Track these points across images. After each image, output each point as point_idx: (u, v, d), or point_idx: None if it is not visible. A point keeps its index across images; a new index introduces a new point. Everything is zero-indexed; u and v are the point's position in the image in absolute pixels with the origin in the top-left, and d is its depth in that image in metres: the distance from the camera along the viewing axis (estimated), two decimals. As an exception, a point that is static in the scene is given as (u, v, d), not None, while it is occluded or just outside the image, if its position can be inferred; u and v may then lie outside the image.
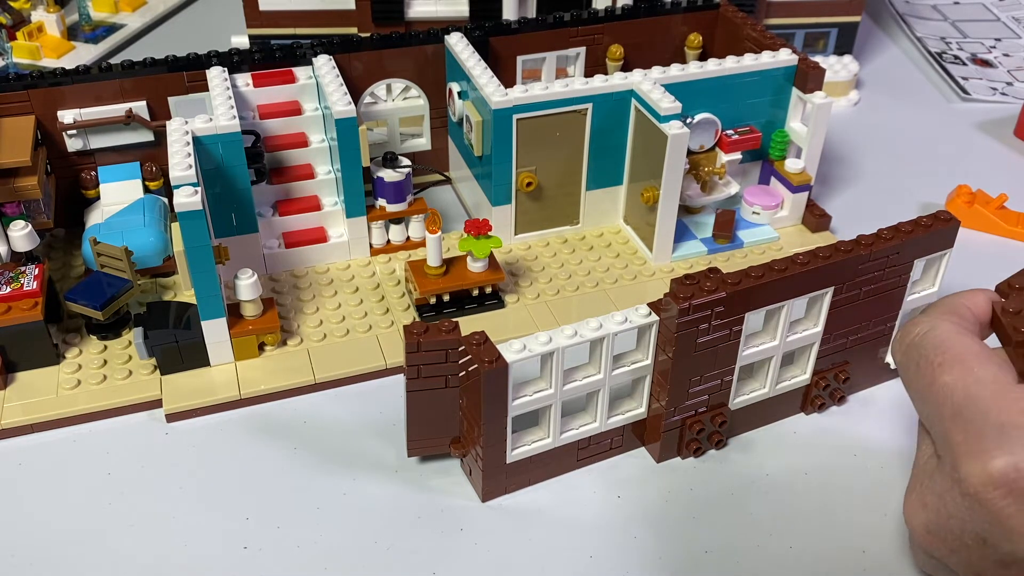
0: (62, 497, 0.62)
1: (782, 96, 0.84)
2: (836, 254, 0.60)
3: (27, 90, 0.77)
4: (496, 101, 0.75)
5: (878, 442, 0.65)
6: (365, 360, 0.71)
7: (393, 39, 0.84)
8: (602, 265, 0.81)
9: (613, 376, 0.60)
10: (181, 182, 0.64)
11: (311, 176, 0.81)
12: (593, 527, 0.60)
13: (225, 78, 0.77)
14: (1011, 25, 1.29)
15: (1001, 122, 1.06)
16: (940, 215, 0.63)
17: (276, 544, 0.59)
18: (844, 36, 1.13)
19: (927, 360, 0.49)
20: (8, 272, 0.69)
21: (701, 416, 0.63)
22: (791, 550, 0.59)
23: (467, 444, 0.60)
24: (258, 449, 0.65)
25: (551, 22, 0.89)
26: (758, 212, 0.85)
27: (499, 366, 0.54)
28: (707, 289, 0.57)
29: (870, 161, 0.99)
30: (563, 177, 0.82)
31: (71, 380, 0.68)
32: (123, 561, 0.57)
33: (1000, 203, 0.88)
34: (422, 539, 0.59)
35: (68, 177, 0.81)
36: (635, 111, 0.79)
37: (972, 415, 0.46)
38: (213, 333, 0.68)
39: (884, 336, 0.67)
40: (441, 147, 0.91)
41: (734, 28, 0.90)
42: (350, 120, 0.74)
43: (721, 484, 0.63)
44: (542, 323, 0.75)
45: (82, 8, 1.21)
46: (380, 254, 0.82)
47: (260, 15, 1.03)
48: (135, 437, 0.66)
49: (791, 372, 0.66)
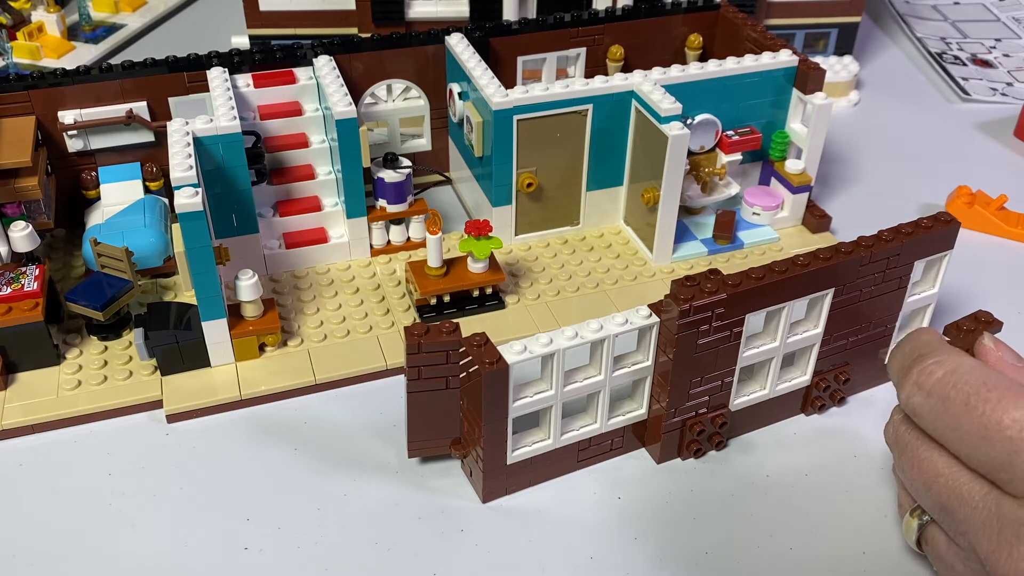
0: (63, 497, 0.62)
1: (782, 97, 0.84)
2: (836, 255, 0.60)
3: (27, 90, 0.77)
4: (496, 102, 0.75)
5: (878, 443, 0.65)
6: (366, 361, 0.71)
7: (393, 40, 0.84)
8: (602, 266, 0.81)
9: (614, 377, 0.60)
10: (182, 183, 0.64)
11: (312, 177, 0.81)
12: (593, 528, 0.60)
13: (226, 79, 0.77)
14: (1011, 25, 1.29)
15: (1001, 122, 1.06)
16: (940, 216, 0.63)
17: (276, 545, 0.59)
18: (844, 37, 1.13)
19: (981, 399, 0.47)
20: (9, 273, 0.69)
21: (701, 417, 0.63)
22: (791, 551, 0.59)
23: (468, 445, 0.60)
24: (258, 449, 0.65)
25: (551, 23, 0.89)
26: (758, 213, 0.85)
27: (500, 367, 0.54)
28: (708, 290, 0.57)
29: (870, 162, 0.99)
30: (563, 178, 0.82)
31: (72, 381, 0.68)
32: (123, 561, 0.58)
33: (1000, 204, 0.88)
34: (422, 540, 0.59)
35: (68, 177, 0.81)
36: (635, 112, 0.79)
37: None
38: (214, 334, 0.68)
39: (884, 338, 0.67)
40: (441, 148, 0.91)
41: (734, 29, 0.90)
42: (351, 121, 0.74)
43: (721, 485, 0.63)
44: (542, 324, 0.75)
45: (82, 8, 1.21)
46: (381, 255, 0.82)
47: (260, 15, 1.03)
48: (136, 438, 0.66)
49: (791, 373, 0.66)
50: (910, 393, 0.50)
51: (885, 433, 0.55)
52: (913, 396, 0.50)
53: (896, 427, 0.53)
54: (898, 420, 0.53)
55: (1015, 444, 0.45)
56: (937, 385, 0.49)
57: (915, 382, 0.50)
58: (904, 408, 0.52)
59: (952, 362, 0.49)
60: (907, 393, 0.51)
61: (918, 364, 0.50)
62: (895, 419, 0.54)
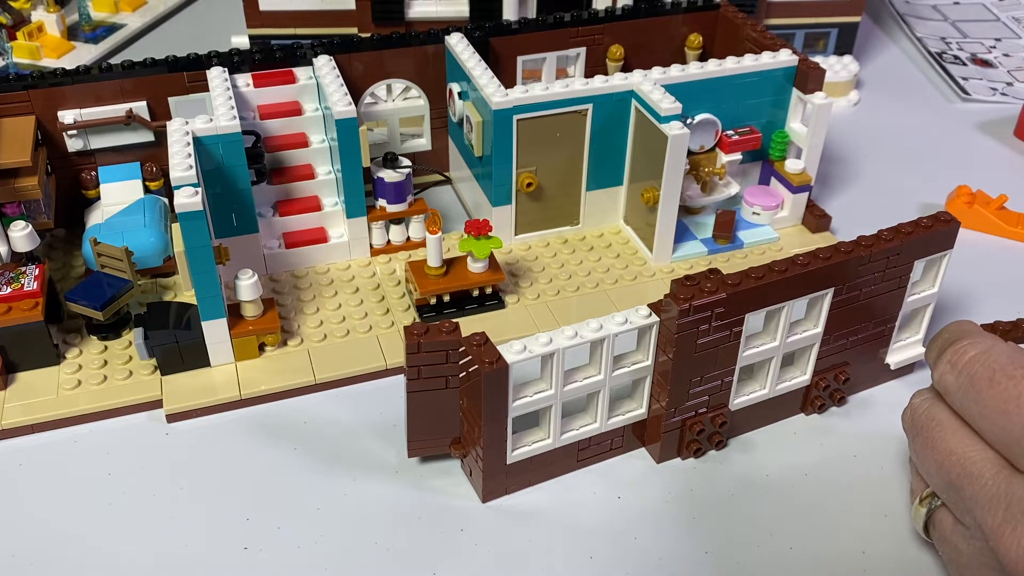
0: (62, 497, 0.62)
1: (782, 96, 0.84)
2: (836, 255, 0.60)
3: (27, 90, 0.77)
4: (496, 102, 0.75)
5: (878, 443, 0.65)
6: (365, 360, 0.71)
7: (393, 39, 0.84)
8: (602, 265, 0.81)
9: (613, 377, 0.60)
10: (181, 182, 0.64)
11: (311, 176, 0.81)
12: (593, 528, 0.60)
13: (225, 78, 0.77)
14: (1011, 25, 1.29)
15: (1001, 122, 1.06)
16: (940, 216, 0.63)
17: (276, 544, 0.59)
18: (844, 36, 1.13)
19: (1006, 375, 0.49)
20: (8, 272, 0.69)
21: (701, 417, 0.63)
22: (791, 550, 0.59)
23: (467, 445, 0.60)
24: (258, 449, 0.65)
25: (551, 22, 0.89)
26: (758, 212, 0.85)
27: (499, 367, 0.54)
28: (707, 290, 0.57)
29: (870, 161, 0.99)
30: (563, 177, 0.82)
31: (71, 380, 0.68)
32: (123, 561, 0.58)
33: (1000, 203, 0.88)
34: (422, 539, 0.59)
35: (68, 177, 0.81)
36: (635, 112, 0.79)
37: None
38: (213, 333, 0.68)
39: (884, 337, 0.67)
40: (441, 147, 0.91)
41: (734, 28, 0.90)
42: (350, 120, 0.74)
43: (721, 485, 0.63)
44: (542, 324, 0.75)
45: (82, 8, 1.21)
46: (380, 254, 0.82)
47: (260, 15, 1.03)
48: (135, 437, 0.66)
49: (791, 373, 0.66)
50: (943, 372, 0.52)
51: (902, 419, 0.56)
52: (946, 375, 0.52)
53: (914, 411, 0.55)
54: (916, 404, 0.55)
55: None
56: (969, 363, 0.51)
57: (949, 361, 0.52)
58: (936, 386, 0.54)
59: (986, 343, 0.51)
60: (940, 372, 0.53)
61: (953, 345, 0.52)
62: (913, 403, 0.56)
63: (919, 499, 0.55)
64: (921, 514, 0.55)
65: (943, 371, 0.52)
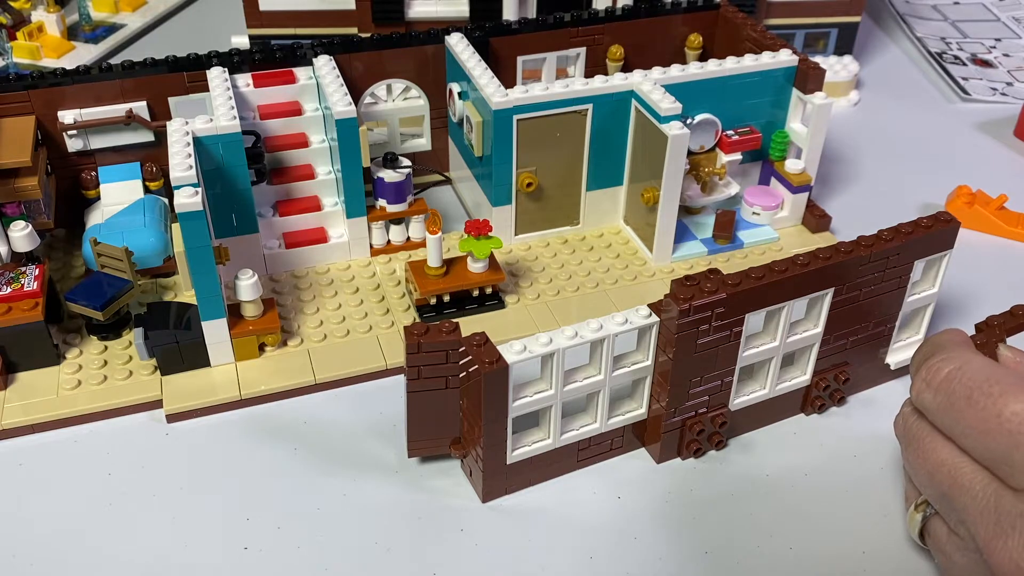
0: (62, 497, 0.62)
1: (782, 97, 0.84)
2: (836, 255, 0.60)
3: (27, 90, 0.77)
4: (496, 102, 0.75)
5: (878, 443, 0.65)
6: (365, 360, 0.71)
7: (393, 39, 0.84)
8: (602, 266, 0.81)
9: (613, 377, 0.60)
10: (181, 182, 0.64)
11: (311, 176, 0.81)
12: (593, 528, 0.60)
13: (225, 78, 0.77)
14: (1011, 25, 1.29)
15: (1001, 122, 1.06)
16: (940, 216, 0.63)
17: (276, 545, 0.59)
18: (844, 36, 1.13)
19: (983, 393, 0.48)
20: (8, 272, 0.69)
21: (701, 417, 0.63)
22: (791, 551, 0.59)
23: (467, 445, 0.60)
24: (258, 449, 0.65)
25: (551, 22, 0.89)
26: (758, 213, 0.85)
27: (500, 367, 0.54)
28: (707, 290, 0.57)
29: (870, 161, 0.99)
30: (563, 178, 0.82)
31: (71, 380, 0.68)
32: (123, 562, 0.58)
33: (1000, 204, 0.88)
34: (422, 540, 0.59)
35: (68, 177, 0.81)
36: (635, 112, 0.79)
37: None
38: (213, 333, 0.68)
39: (884, 337, 0.67)
40: (441, 147, 0.91)
41: (734, 28, 0.90)
42: (350, 120, 0.74)
43: (721, 485, 0.63)
44: (542, 324, 0.75)
45: (82, 8, 1.21)
46: (380, 254, 0.82)
47: (260, 15, 1.03)
48: (135, 437, 0.66)
49: (791, 373, 0.66)
50: (920, 389, 0.52)
51: (895, 425, 0.56)
52: (922, 392, 0.52)
53: (905, 419, 0.54)
54: (907, 412, 0.55)
55: (1015, 438, 0.46)
56: (944, 381, 0.50)
57: (923, 379, 0.52)
58: (915, 403, 0.53)
59: (959, 360, 0.50)
60: (917, 390, 0.52)
61: (927, 362, 0.52)
62: (904, 411, 0.55)
63: (914, 505, 0.55)
64: (916, 520, 0.55)
65: (920, 389, 0.52)
